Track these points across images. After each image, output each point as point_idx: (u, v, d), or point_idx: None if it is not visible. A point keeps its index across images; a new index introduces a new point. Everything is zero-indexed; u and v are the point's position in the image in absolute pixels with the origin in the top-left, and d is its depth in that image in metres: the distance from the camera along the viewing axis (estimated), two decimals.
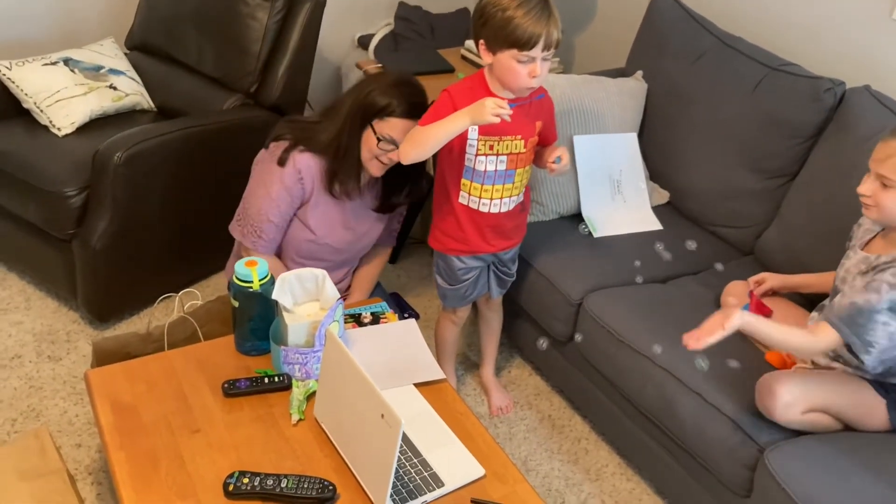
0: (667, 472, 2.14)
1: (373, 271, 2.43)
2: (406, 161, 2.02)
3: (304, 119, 2.21)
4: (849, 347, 1.77)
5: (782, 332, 1.81)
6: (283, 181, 2.13)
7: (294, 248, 2.27)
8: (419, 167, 2.19)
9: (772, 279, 2.18)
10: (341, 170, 2.14)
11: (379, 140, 2.08)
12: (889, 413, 1.87)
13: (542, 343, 2.37)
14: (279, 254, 2.27)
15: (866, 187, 1.78)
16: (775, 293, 2.20)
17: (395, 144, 2.07)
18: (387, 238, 2.43)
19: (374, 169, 2.14)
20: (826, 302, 2.01)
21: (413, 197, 2.32)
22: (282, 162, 2.12)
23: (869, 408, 1.87)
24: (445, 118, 1.96)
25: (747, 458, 1.86)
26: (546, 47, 1.91)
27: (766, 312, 2.09)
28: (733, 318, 1.74)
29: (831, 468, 1.77)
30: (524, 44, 1.89)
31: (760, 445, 1.84)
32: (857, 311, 1.75)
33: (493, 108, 1.86)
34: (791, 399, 1.83)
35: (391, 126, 2.07)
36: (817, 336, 1.79)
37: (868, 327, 1.73)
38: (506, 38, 1.90)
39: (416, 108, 2.07)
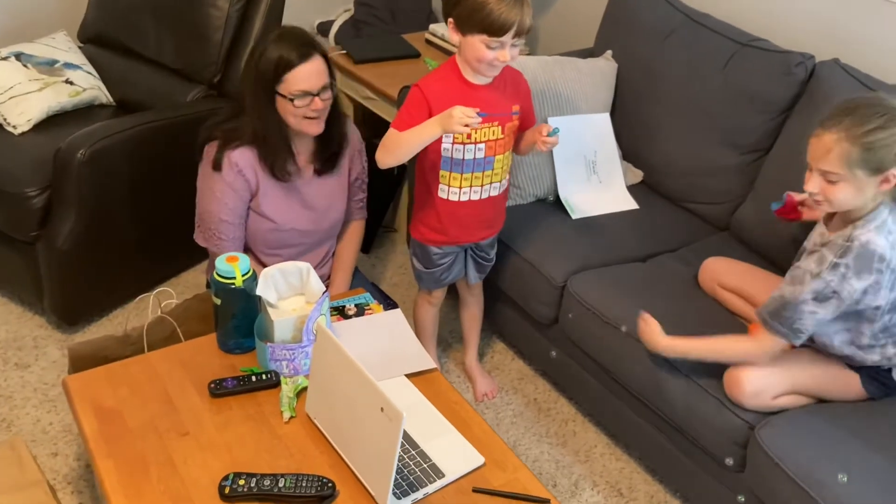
0: (657, 449, 2.14)
1: (350, 248, 2.38)
2: (383, 166, 2.02)
3: (222, 117, 2.14)
4: None
5: (719, 346, 1.88)
6: (224, 179, 2.09)
7: (261, 241, 2.22)
8: (334, 110, 2.12)
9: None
10: (272, 152, 2.09)
11: (292, 100, 2.02)
12: (864, 387, 1.89)
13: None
14: (248, 250, 2.22)
15: (813, 185, 1.73)
16: None
17: (311, 94, 2.01)
18: (356, 211, 2.39)
19: (310, 127, 2.08)
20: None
21: (344, 139, 2.23)
22: (217, 166, 2.09)
23: (843, 384, 1.89)
24: (418, 126, 1.95)
25: (738, 436, 1.87)
26: (517, 34, 1.90)
27: (797, 216, 2.07)
28: (656, 345, 1.92)
29: (822, 439, 1.79)
30: (496, 30, 1.87)
31: (750, 423, 1.85)
32: (783, 304, 1.77)
33: (462, 119, 1.85)
34: (756, 388, 1.84)
35: (294, 80, 2.00)
36: (759, 341, 1.82)
37: (795, 318, 1.76)
38: (479, 22, 1.88)
39: (305, 47, 2.01)
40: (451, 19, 1.95)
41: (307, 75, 2.00)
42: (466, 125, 1.86)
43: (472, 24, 1.89)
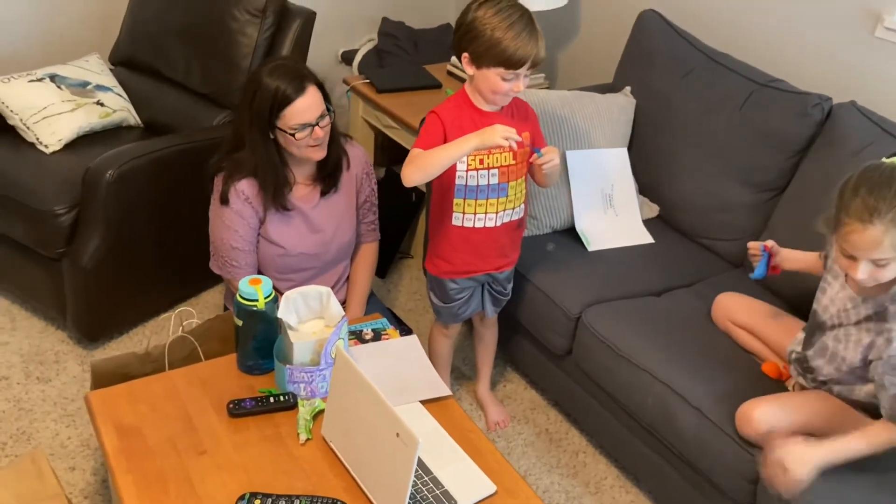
0: (667, 483, 2.15)
1: (364, 272, 2.41)
2: (409, 184, 2.02)
3: (223, 152, 2.18)
4: None
5: (868, 440, 1.75)
6: (232, 208, 2.15)
7: (272, 267, 2.26)
8: (332, 131, 2.15)
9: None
10: (270, 185, 2.13)
11: (293, 134, 2.06)
12: None
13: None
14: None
15: (864, 273, 1.67)
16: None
17: (310, 125, 2.06)
18: (368, 233, 2.42)
19: (315, 154, 2.13)
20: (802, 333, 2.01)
21: (342, 156, 2.24)
22: (224, 199, 2.14)
23: (854, 421, 1.87)
24: (452, 142, 1.99)
25: (749, 473, 1.88)
26: (532, 66, 1.97)
27: (776, 273, 2.08)
28: (798, 472, 1.69)
29: (832, 479, 1.79)
30: (513, 64, 1.94)
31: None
32: None
33: (504, 132, 1.91)
34: (768, 426, 1.84)
35: (293, 115, 2.04)
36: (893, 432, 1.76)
37: None
38: (495, 57, 1.94)
39: (298, 80, 2.05)
40: (465, 54, 2.00)
41: (305, 108, 2.04)
42: (507, 139, 1.90)
43: (489, 58, 1.95)
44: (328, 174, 2.22)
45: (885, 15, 2.38)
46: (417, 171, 2.01)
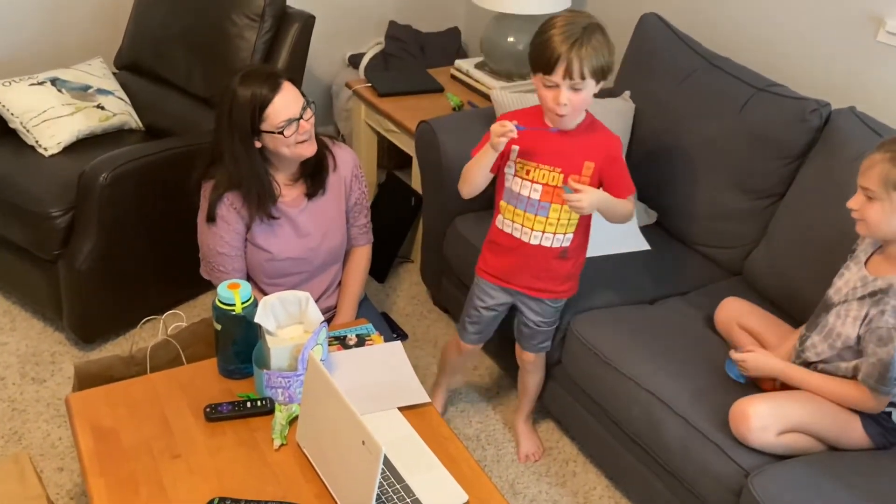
0: (654, 495, 2.12)
1: (355, 276, 2.39)
2: (465, 197, 2.05)
3: (201, 167, 2.18)
4: None
5: (822, 381, 1.89)
6: (218, 213, 2.15)
7: (261, 272, 2.26)
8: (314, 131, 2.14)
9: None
10: (255, 195, 2.12)
11: (281, 132, 2.05)
12: (865, 430, 1.87)
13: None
14: (250, 281, 2.26)
15: (853, 201, 1.81)
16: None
17: (295, 119, 2.04)
18: (360, 236, 2.40)
19: (306, 150, 2.11)
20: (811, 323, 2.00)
21: (324, 155, 2.22)
22: (211, 217, 2.15)
23: (843, 422, 1.87)
24: (480, 152, 1.98)
25: (733, 483, 1.84)
26: (567, 75, 1.83)
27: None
28: (756, 362, 1.93)
29: (816, 492, 1.75)
30: (544, 66, 1.86)
31: (745, 470, 1.82)
32: (885, 367, 1.77)
33: (497, 130, 1.87)
34: (763, 423, 1.83)
35: (276, 113, 2.03)
36: (861, 393, 1.82)
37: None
38: (534, 60, 1.90)
39: (271, 79, 2.03)
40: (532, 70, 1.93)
41: (286, 104, 2.04)
42: (502, 136, 1.87)
43: (531, 60, 1.91)
44: (312, 173, 2.21)
45: (887, 19, 2.32)
46: (464, 183, 2.04)
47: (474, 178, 2.01)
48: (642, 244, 2.55)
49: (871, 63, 2.39)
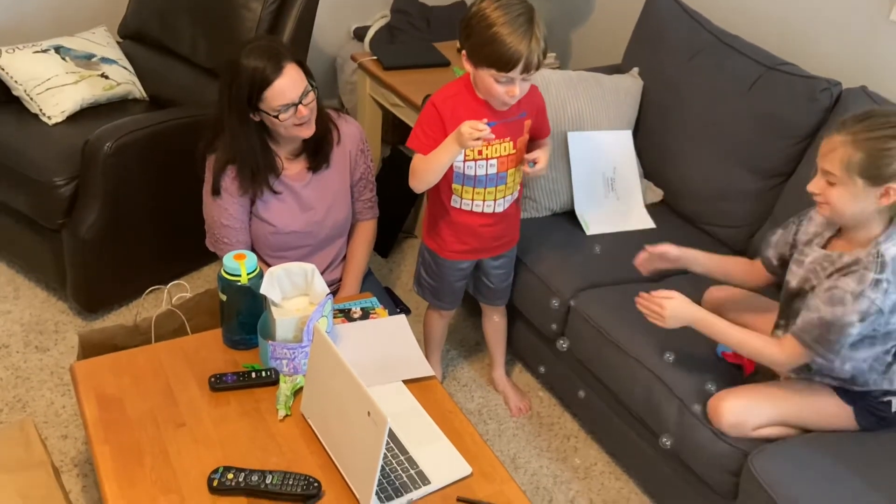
0: (654, 472, 2.13)
1: (360, 250, 2.38)
2: (418, 192, 2.09)
3: (208, 137, 2.16)
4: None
5: (742, 334, 1.81)
6: (223, 187, 2.14)
7: (265, 245, 2.26)
8: (318, 105, 2.12)
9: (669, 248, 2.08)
10: (249, 171, 2.11)
11: (277, 115, 2.03)
12: (858, 419, 1.85)
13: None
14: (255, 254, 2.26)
15: (814, 184, 1.73)
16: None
17: (293, 104, 2.02)
18: (366, 210, 2.39)
19: (303, 132, 2.10)
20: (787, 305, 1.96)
21: (328, 130, 2.21)
22: (216, 189, 2.14)
23: (833, 415, 1.86)
24: (439, 148, 1.97)
25: (732, 464, 1.85)
26: (526, 69, 1.88)
27: (740, 362, 2.03)
28: (675, 310, 1.84)
29: (816, 470, 1.76)
30: (503, 65, 1.87)
31: (744, 450, 1.83)
32: (826, 327, 1.71)
33: (472, 134, 1.86)
34: (736, 419, 1.82)
35: (273, 96, 2.00)
36: (783, 348, 1.78)
37: (841, 340, 1.71)
38: (486, 56, 1.88)
39: (275, 60, 2.00)
40: (463, 51, 1.95)
41: (285, 88, 2.00)
42: (477, 139, 1.87)
43: (481, 57, 1.90)
44: (315, 149, 2.20)
45: None
46: (418, 181, 2.05)
47: (434, 177, 2.03)
48: (648, 222, 2.54)
49: (884, 42, 2.37)
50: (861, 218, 1.71)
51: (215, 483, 1.58)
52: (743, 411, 1.83)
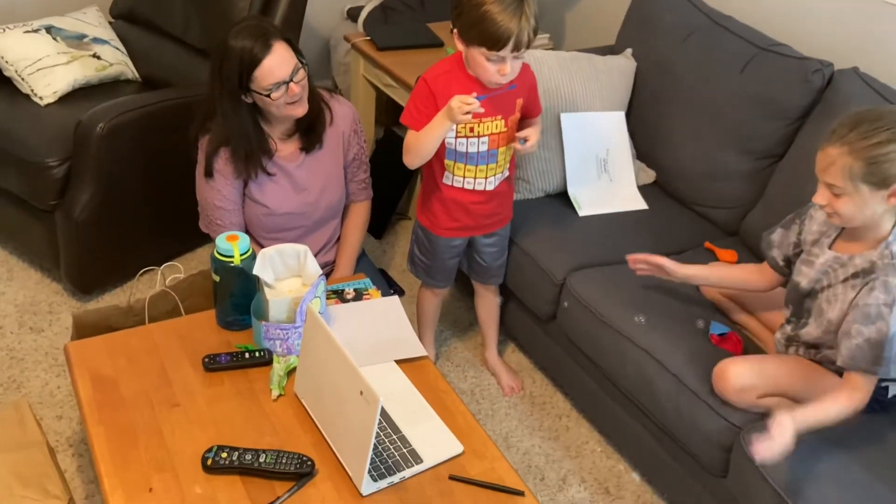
0: (645, 451, 2.15)
1: (354, 231, 2.39)
2: (412, 167, 2.09)
3: (199, 119, 2.15)
4: None
5: (822, 412, 1.71)
6: (217, 169, 2.14)
7: (259, 226, 2.26)
8: (309, 83, 2.11)
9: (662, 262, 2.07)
10: (242, 153, 2.11)
11: (268, 94, 2.03)
12: None
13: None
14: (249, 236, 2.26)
15: (820, 198, 1.73)
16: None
17: (284, 82, 2.01)
18: (359, 192, 2.39)
19: (295, 110, 2.09)
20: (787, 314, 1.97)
21: (320, 110, 2.20)
22: (209, 171, 2.14)
23: (832, 390, 1.84)
24: (430, 123, 1.97)
25: (724, 440, 1.87)
26: (516, 48, 1.88)
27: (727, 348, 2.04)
28: (784, 428, 1.62)
29: (805, 447, 1.77)
30: (493, 44, 1.87)
31: (737, 426, 1.85)
32: (877, 346, 1.69)
33: (461, 108, 1.87)
34: (743, 383, 1.84)
35: (263, 75, 2.00)
36: (851, 390, 1.72)
37: (891, 353, 1.71)
38: (476, 35, 1.89)
39: (263, 38, 1.99)
40: (455, 30, 1.95)
41: (275, 66, 2.00)
42: (467, 113, 1.88)
43: (472, 36, 1.90)
44: (308, 129, 2.20)
45: None
46: (412, 156, 2.06)
47: (428, 152, 2.04)
48: (640, 203, 2.55)
49: (877, 23, 2.37)
50: (872, 221, 1.73)
51: (209, 462, 1.59)
52: (751, 376, 1.84)
